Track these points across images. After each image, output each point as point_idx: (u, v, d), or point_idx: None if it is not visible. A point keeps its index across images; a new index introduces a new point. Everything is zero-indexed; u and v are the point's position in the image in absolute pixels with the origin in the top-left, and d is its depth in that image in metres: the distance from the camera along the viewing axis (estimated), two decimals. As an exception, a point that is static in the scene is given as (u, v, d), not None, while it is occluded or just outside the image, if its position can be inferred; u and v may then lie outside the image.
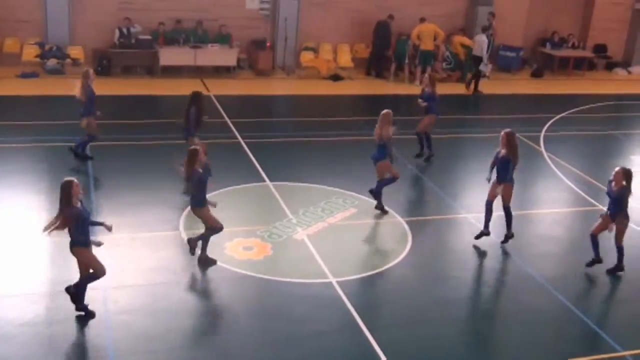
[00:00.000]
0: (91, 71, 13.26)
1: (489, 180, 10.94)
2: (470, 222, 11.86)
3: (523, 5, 24.07)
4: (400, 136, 12.21)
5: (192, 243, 9.83)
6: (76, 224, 8.16)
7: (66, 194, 8.09)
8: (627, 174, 9.93)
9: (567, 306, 9.54)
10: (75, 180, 8.21)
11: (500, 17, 23.14)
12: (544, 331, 8.98)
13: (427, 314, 9.24)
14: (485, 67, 21.08)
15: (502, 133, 10.74)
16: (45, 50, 19.44)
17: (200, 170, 9.53)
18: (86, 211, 8.37)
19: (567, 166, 14.89)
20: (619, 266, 10.34)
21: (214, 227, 9.68)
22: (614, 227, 9.99)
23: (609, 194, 10.16)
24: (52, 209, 11.28)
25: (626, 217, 10.11)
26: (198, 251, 9.81)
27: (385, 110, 11.82)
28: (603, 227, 10.18)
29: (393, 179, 11.65)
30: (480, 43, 20.82)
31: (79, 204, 8.21)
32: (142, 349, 8.01)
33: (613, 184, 10.06)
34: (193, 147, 9.85)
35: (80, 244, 8.25)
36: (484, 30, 21.23)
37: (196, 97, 12.71)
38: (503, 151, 10.68)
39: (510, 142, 10.65)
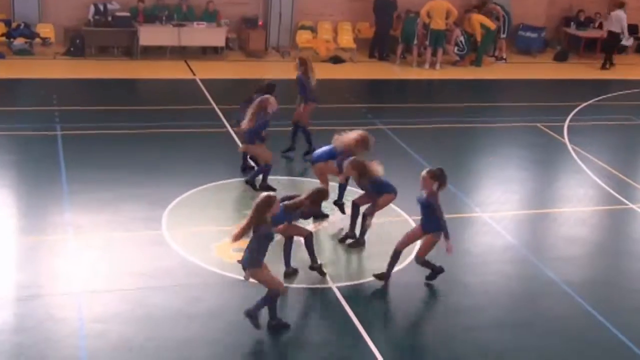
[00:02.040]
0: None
1: None
2: (485, 222, 11.88)
3: (545, -20, 24.09)
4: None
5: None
6: (264, 244, 8.24)
7: (265, 209, 8.10)
8: (436, 176, 9.26)
9: (593, 315, 9.55)
10: (276, 197, 8.35)
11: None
12: (567, 344, 8.99)
13: (436, 324, 9.26)
14: (627, 41, 22.93)
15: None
16: (12, 29, 19.43)
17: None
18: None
19: (594, 160, 14.89)
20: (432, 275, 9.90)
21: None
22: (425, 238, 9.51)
23: (418, 200, 9.54)
24: (20, 206, 11.36)
25: (439, 229, 9.36)
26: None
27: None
28: (413, 239, 9.75)
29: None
30: (619, 19, 21.98)
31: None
32: (119, 361, 8.03)
33: (422, 189, 9.38)
34: (322, 188, 9.88)
35: (258, 265, 8.27)
36: (621, 5, 22.13)
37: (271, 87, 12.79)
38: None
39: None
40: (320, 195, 9.50)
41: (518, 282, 10.35)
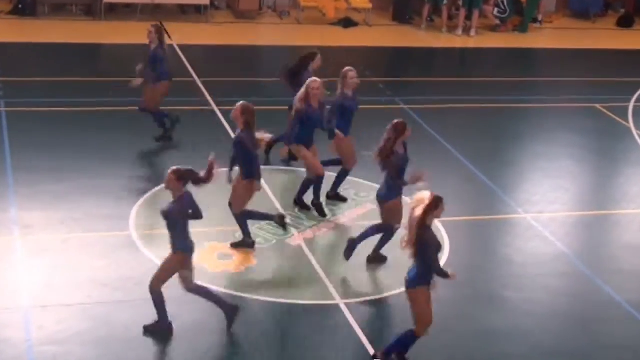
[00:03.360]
0: None
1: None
2: (530, 224, 11.87)
3: None
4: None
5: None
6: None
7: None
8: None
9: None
10: None
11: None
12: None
13: (466, 350, 9.25)
14: None
15: None
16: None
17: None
18: None
19: (666, 149, 14.90)
20: None
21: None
22: None
23: None
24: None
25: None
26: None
27: None
28: None
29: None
30: None
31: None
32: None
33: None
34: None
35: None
36: None
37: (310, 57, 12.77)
38: None
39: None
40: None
41: (570, 301, 10.30)
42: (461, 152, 13.97)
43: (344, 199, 11.95)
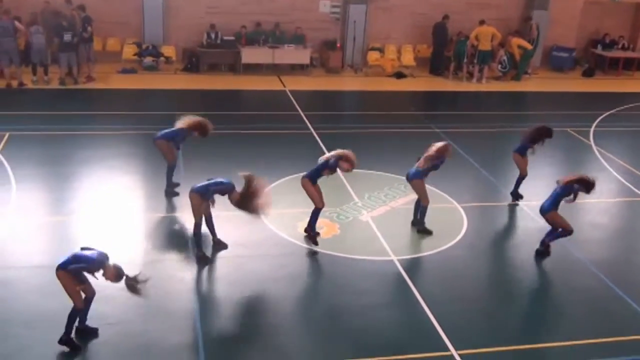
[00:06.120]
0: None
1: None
2: (522, 209, 11.65)
3: (576, 8, 23.38)
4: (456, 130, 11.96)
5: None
6: None
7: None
8: None
9: (612, 288, 9.28)
10: None
11: (554, 20, 22.81)
12: (590, 311, 8.77)
13: (481, 292, 9.14)
14: None
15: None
16: (142, 50, 19.94)
17: None
18: None
19: (615, 159, 14.43)
20: None
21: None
22: None
23: None
24: (145, 187, 11.65)
25: None
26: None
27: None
28: None
29: None
30: None
31: None
32: (223, 313, 8.18)
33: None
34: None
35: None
36: None
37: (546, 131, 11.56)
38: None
39: None
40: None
41: (551, 260, 10.03)
42: (476, 160, 13.78)
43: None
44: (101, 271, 7.11)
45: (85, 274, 7.19)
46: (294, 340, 7.78)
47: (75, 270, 7.07)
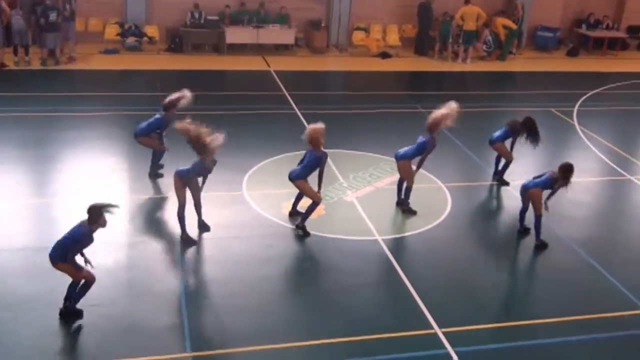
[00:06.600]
0: None
1: None
2: (505, 190, 11.72)
3: (561, -12, 23.41)
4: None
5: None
6: None
7: None
8: None
9: (594, 266, 9.40)
10: None
11: (539, 0, 22.70)
12: (572, 288, 8.88)
13: (464, 271, 9.21)
14: None
15: None
16: (125, 29, 19.72)
17: None
18: None
19: (598, 139, 14.52)
20: None
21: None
22: None
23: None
24: (129, 169, 11.60)
25: None
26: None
27: None
28: None
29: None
30: None
31: None
32: (209, 293, 8.21)
33: None
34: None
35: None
36: None
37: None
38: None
39: None
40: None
41: (533, 238, 10.12)
42: (460, 140, 13.81)
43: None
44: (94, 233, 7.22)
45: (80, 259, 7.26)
46: (280, 321, 7.82)
47: (71, 258, 7.13)
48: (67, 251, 7.09)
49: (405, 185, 10.51)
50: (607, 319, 8.24)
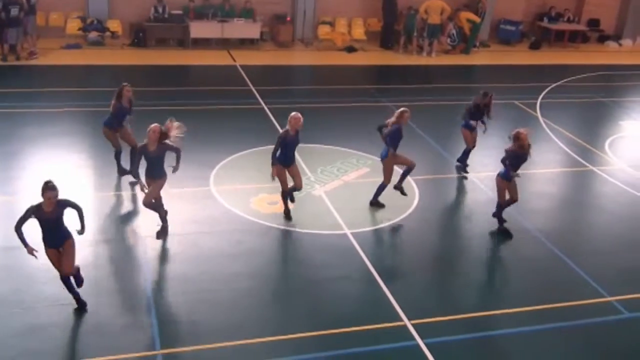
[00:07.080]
0: None
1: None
2: (472, 181, 11.84)
3: (523, -18, 23.71)
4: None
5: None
6: None
7: None
8: None
9: (559, 256, 9.56)
10: None
11: (502, -7, 23.01)
12: (538, 278, 9.01)
13: (432, 263, 9.29)
14: None
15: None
16: (86, 24, 19.40)
17: None
18: None
19: (561, 130, 14.76)
20: None
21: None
22: None
23: None
24: (93, 166, 11.42)
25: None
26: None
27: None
28: None
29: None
30: None
31: None
32: (178, 290, 8.14)
33: None
34: None
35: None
36: None
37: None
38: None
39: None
40: None
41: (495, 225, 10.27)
42: (426, 133, 13.91)
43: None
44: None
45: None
46: (251, 316, 7.79)
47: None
48: None
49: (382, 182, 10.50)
50: (573, 308, 8.39)
